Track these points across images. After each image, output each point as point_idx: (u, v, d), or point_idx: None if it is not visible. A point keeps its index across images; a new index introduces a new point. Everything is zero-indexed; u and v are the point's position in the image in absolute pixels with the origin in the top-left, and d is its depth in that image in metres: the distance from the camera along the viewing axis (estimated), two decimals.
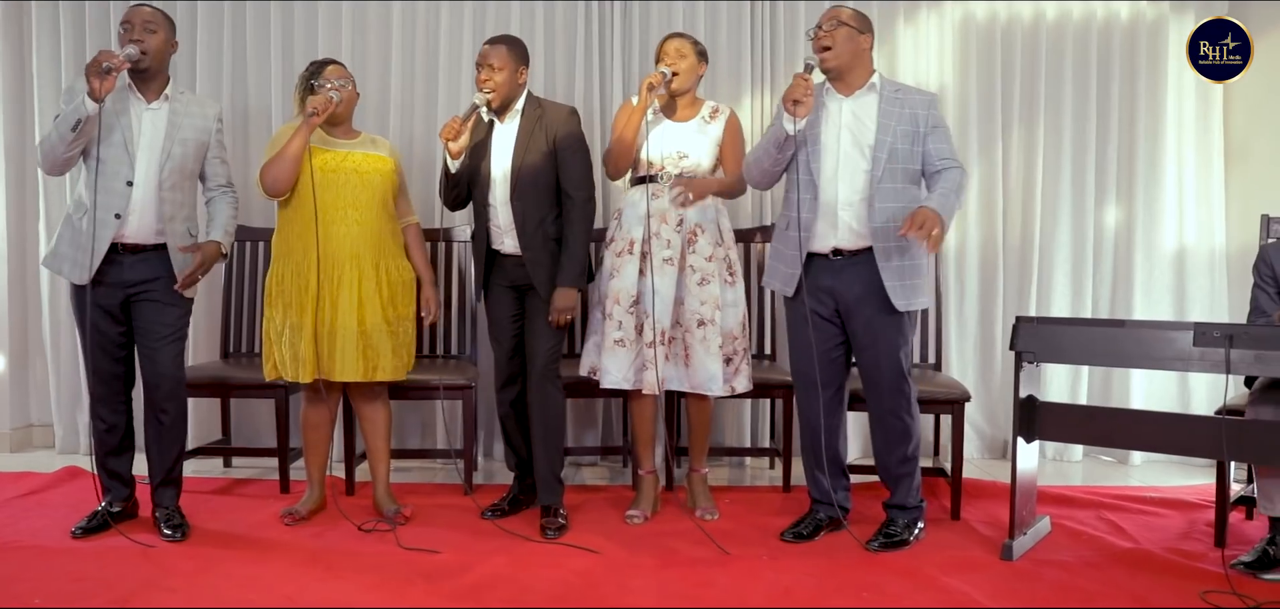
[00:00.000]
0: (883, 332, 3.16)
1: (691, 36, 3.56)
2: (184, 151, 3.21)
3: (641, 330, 3.40)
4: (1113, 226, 4.47)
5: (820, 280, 3.19)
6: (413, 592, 2.82)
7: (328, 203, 3.31)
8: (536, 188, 3.37)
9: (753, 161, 3.28)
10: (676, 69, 3.43)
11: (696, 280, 3.41)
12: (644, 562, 3.05)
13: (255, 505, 3.67)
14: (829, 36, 3.15)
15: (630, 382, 3.41)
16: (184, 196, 3.24)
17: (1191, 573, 2.94)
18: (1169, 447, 3.40)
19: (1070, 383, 4.44)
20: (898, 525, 3.26)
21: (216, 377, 3.91)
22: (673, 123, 3.50)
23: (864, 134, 3.15)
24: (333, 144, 3.40)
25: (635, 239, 3.42)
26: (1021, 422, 3.13)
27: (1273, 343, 2.70)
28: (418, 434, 4.49)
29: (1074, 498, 3.73)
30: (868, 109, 3.18)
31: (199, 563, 3.02)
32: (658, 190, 3.43)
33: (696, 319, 3.39)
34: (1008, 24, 4.45)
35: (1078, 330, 3.08)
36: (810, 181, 3.15)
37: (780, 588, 2.85)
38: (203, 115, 3.29)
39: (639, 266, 3.41)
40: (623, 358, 3.40)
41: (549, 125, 3.40)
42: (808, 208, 3.16)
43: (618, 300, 3.41)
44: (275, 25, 4.41)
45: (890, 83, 3.26)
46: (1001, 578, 2.94)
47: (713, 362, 3.39)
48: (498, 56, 3.37)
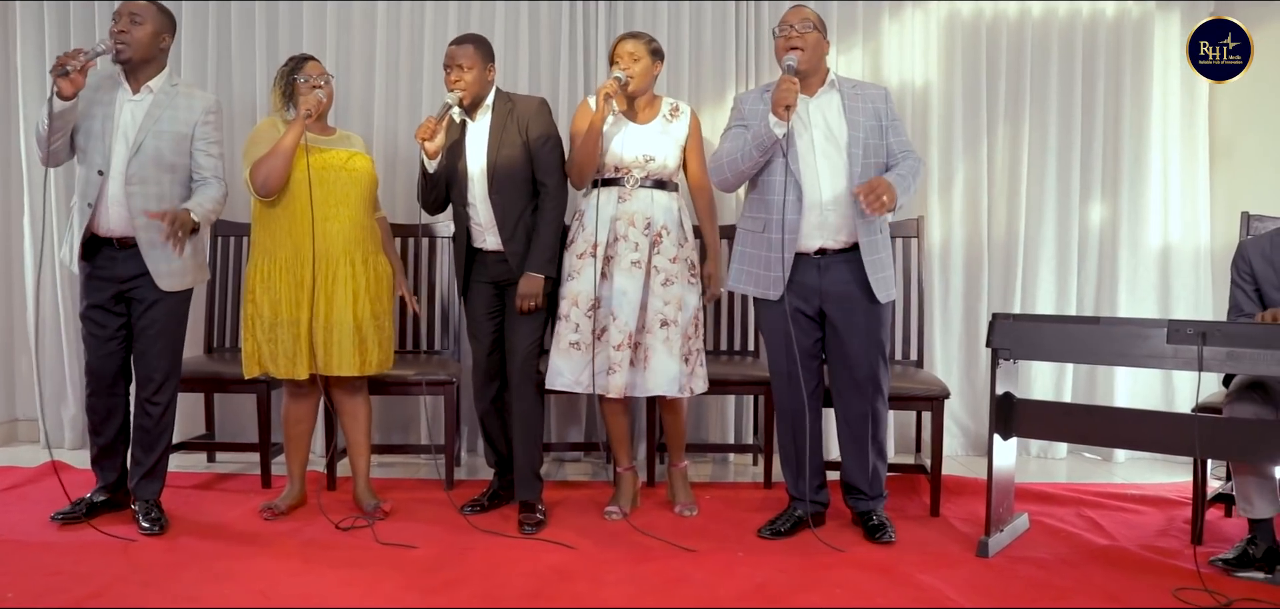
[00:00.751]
0: (867, 324, 3.20)
1: (646, 36, 3.52)
2: (157, 145, 3.19)
3: (602, 335, 3.39)
4: (1098, 224, 4.46)
5: (805, 279, 3.19)
6: (386, 587, 2.82)
7: (320, 199, 3.31)
8: (513, 181, 3.39)
9: (727, 164, 3.23)
10: (631, 72, 3.41)
11: (660, 281, 3.40)
12: (619, 558, 3.06)
13: (236, 500, 3.67)
14: (801, 38, 3.16)
15: (584, 386, 3.40)
16: (160, 190, 3.20)
17: (1167, 570, 2.94)
18: (1144, 444, 3.41)
19: (1055, 380, 4.44)
20: (879, 513, 3.29)
21: (200, 372, 3.91)
22: (635, 125, 3.48)
23: (834, 132, 3.17)
24: (320, 141, 3.40)
25: (599, 242, 3.40)
26: (998, 419, 3.14)
27: (1245, 340, 2.70)
28: (401, 430, 4.49)
29: (1054, 495, 3.73)
30: (832, 107, 3.20)
31: (175, 558, 3.03)
32: (625, 193, 3.42)
33: (660, 319, 3.39)
34: (993, 21, 4.44)
35: (1053, 327, 3.08)
36: (794, 182, 3.14)
37: (753, 584, 2.85)
38: (189, 107, 3.26)
39: (600, 269, 3.40)
40: (577, 360, 3.40)
41: (520, 118, 3.42)
42: (793, 209, 3.14)
43: (575, 303, 3.41)
44: (260, 23, 4.41)
45: (846, 80, 3.32)
46: (976, 575, 2.94)
47: (672, 362, 3.38)
48: (465, 56, 3.38)
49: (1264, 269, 3.12)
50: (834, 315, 3.22)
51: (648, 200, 3.43)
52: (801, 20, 3.19)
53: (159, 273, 3.22)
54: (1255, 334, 2.70)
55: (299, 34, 4.41)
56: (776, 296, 3.19)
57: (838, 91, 3.23)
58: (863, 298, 3.18)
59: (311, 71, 3.40)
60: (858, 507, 3.34)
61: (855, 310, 3.19)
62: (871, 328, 3.20)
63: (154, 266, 3.20)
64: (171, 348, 3.31)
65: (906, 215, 3.97)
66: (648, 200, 3.43)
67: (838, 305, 3.20)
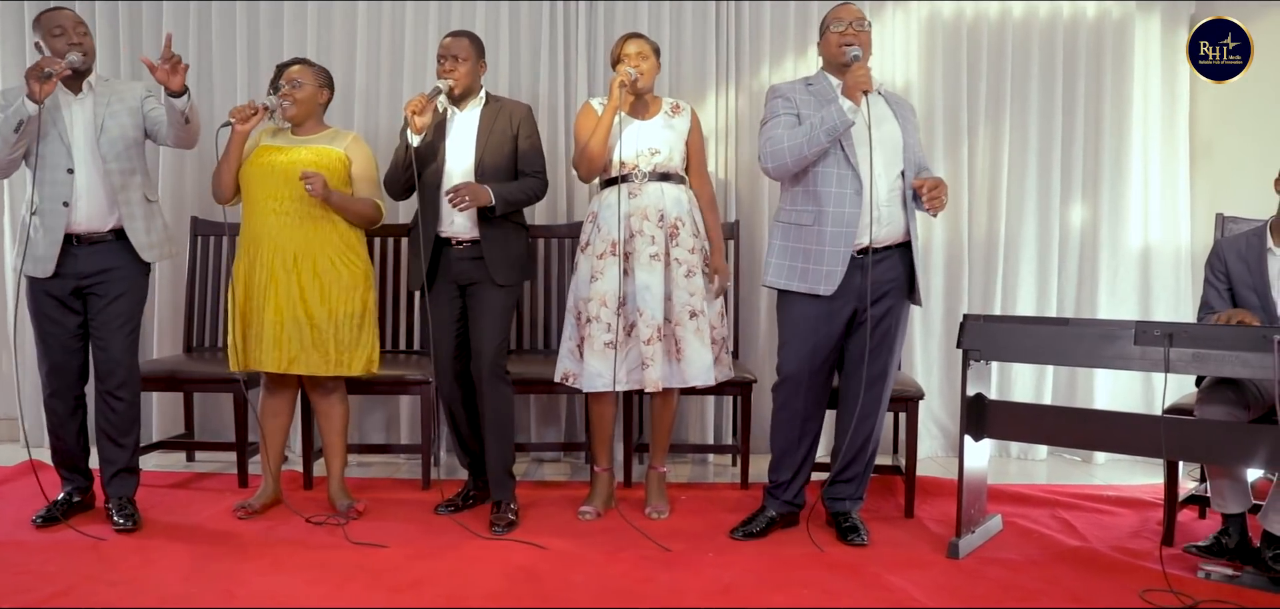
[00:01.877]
0: (896, 327, 3.25)
1: (646, 36, 3.56)
2: (119, 123, 3.28)
3: (632, 331, 3.40)
4: (1078, 225, 4.46)
5: (850, 279, 3.15)
6: (351, 587, 2.82)
7: (258, 197, 3.36)
8: (500, 174, 3.42)
9: (789, 149, 3.12)
10: (640, 70, 3.43)
11: (683, 273, 3.41)
12: (589, 558, 3.05)
13: (211, 499, 3.67)
14: (857, 36, 3.19)
15: (623, 383, 3.40)
16: (132, 164, 3.29)
17: (1135, 571, 2.94)
18: (1114, 446, 3.40)
19: (1035, 382, 4.44)
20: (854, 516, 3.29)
21: (177, 371, 3.91)
22: (639, 121, 3.49)
23: (885, 131, 3.17)
24: (287, 141, 3.43)
25: (616, 240, 3.41)
26: (970, 420, 3.13)
27: (1211, 341, 2.69)
28: (382, 429, 4.49)
29: (1029, 496, 3.73)
30: (881, 107, 3.21)
31: (145, 556, 3.03)
32: (634, 189, 3.43)
33: (688, 311, 3.39)
34: (974, 22, 4.44)
35: (1023, 329, 3.08)
36: (854, 175, 3.12)
37: (720, 585, 2.85)
38: (131, 92, 3.37)
39: (621, 268, 3.40)
40: (612, 360, 3.38)
41: (512, 116, 3.49)
42: (852, 201, 3.12)
43: (604, 303, 3.39)
44: (241, 24, 4.42)
45: (883, 87, 3.33)
46: (945, 576, 2.93)
47: (706, 352, 3.40)
48: (460, 48, 3.45)
49: (1238, 268, 3.12)
50: (874, 312, 3.17)
51: (658, 193, 3.43)
52: (856, 18, 3.22)
53: (141, 246, 3.29)
54: (1221, 336, 2.69)
55: (280, 33, 4.42)
56: (829, 292, 3.14)
57: (883, 97, 3.25)
58: (902, 297, 3.22)
59: (288, 77, 3.45)
60: (836, 507, 3.33)
61: (892, 308, 3.21)
62: (899, 324, 3.26)
63: (137, 238, 3.28)
64: (132, 341, 3.33)
65: None
66: (658, 193, 3.43)
67: (880, 302, 3.18)
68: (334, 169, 3.40)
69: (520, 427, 4.43)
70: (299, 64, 3.50)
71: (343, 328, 3.40)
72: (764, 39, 4.39)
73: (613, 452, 3.61)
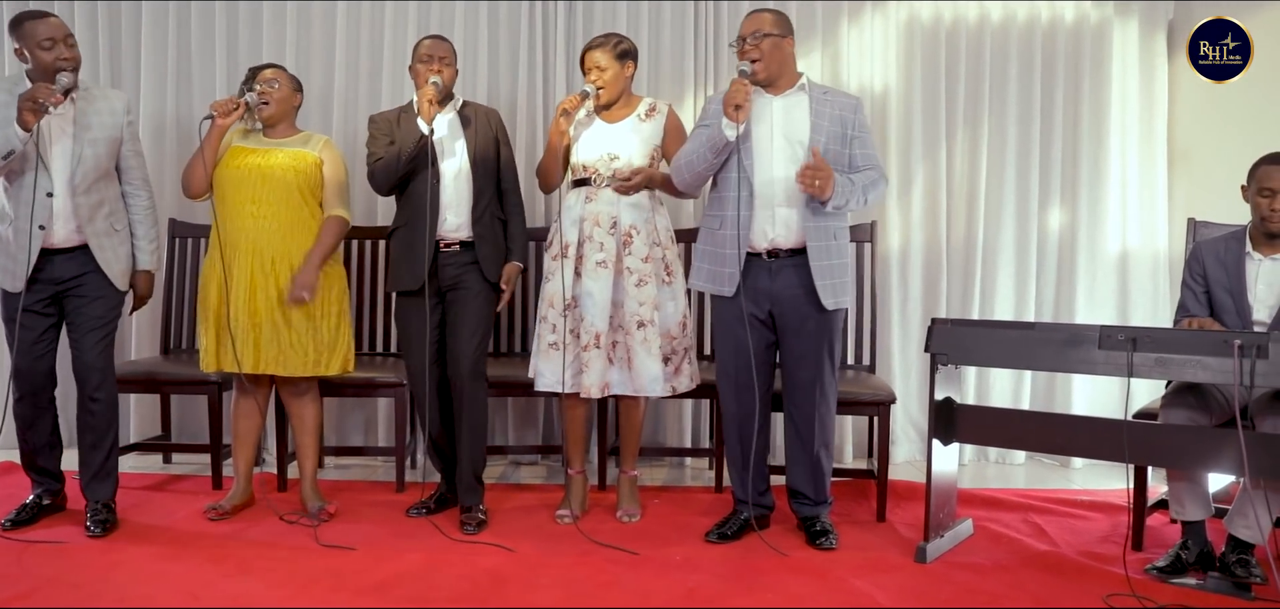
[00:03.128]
0: (815, 330, 3.19)
1: (613, 39, 3.51)
2: (95, 152, 3.22)
3: (578, 333, 3.41)
4: (1056, 229, 4.46)
5: (756, 282, 3.19)
6: (318, 588, 2.82)
7: (234, 199, 3.36)
8: (487, 170, 3.49)
9: (684, 166, 3.25)
10: (600, 83, 3.43)
11: (634, 282, 3.40)
12: (556, 561, 3.06)
13: (184, 501, 3.68)
14: (755, 49, 3.17)
15: (565, 385, 3.40)
16: (101, 195, 3.25)
17: (1101, 576, 2.94)
18: (1080, 450, 3.41)
19: (1013, 386, 4.44)
20: (824, 519, 3.29)
21: (153, 372, 3.91)
22: (604, 123, 3.49)
23: (796, 132, 3.17)
24: (260, 142, 3.44)
25: (570, 242, 3.42)
26: (938, 424, 3.13)
27: (1173, 346, 2.70)
28: (360, 432, 4.49)
29: (1002, 500, 3.73)
30: (799, 107, 3.20)
31: (111, 559, 3.03)
32: (592, 193, 3.44)
33: (635, 321, 3.39)
34: (953, 25, 4.44)
35: (989, 332, 3.08)
36: (746, 180, 3.14)
37: (685, 588, 2.85)
38: (110, 109, 3.30)
39: (574, 269, 3.41)
40: (557, 361, 3.41)
41: (489, 118, 3.57)
42: (745, 205, 3.14)
43: (552, 304, 3.44)
44: (220, 24, 4.42)
45: (817, 85, 3.31)
46: (910, 580, 2.94)
47: (653, 362, 3.39)
48: (445, 50, 3.52)
49: (1216, 271, 3.12)
50: (783, 318, 3.21)
51: (614, 201, 3.43)
52: (753, 33, 3.20)
53: (114, 275, 3.28)
54: (1183, 340, 2.69)
55: (259, 34, 4.42)
56: (730, 293, 3.18)
57: (807, 94, 3.23)
58: (811, 304, 3.17)
59: (263, 77, 3.45)
60: (802, 512, 3.33)
61: (804, 315, 3.18)
62: (820, 333, 3.20)
63: (108, 267, 3.26)
64: (108, 344, 3.31)
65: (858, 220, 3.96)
66: (614, 201, 3.43)
67: (787, 309, 3.19)
68: (308, 173, 3.41)
69: (499, 429, 4.44)
70: (272, 68, 3.50)
71: (322, 328, 3.42)
72: None
73: (586, 454, 3.61)
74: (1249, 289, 3.05)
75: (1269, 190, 2.98)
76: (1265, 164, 3.03)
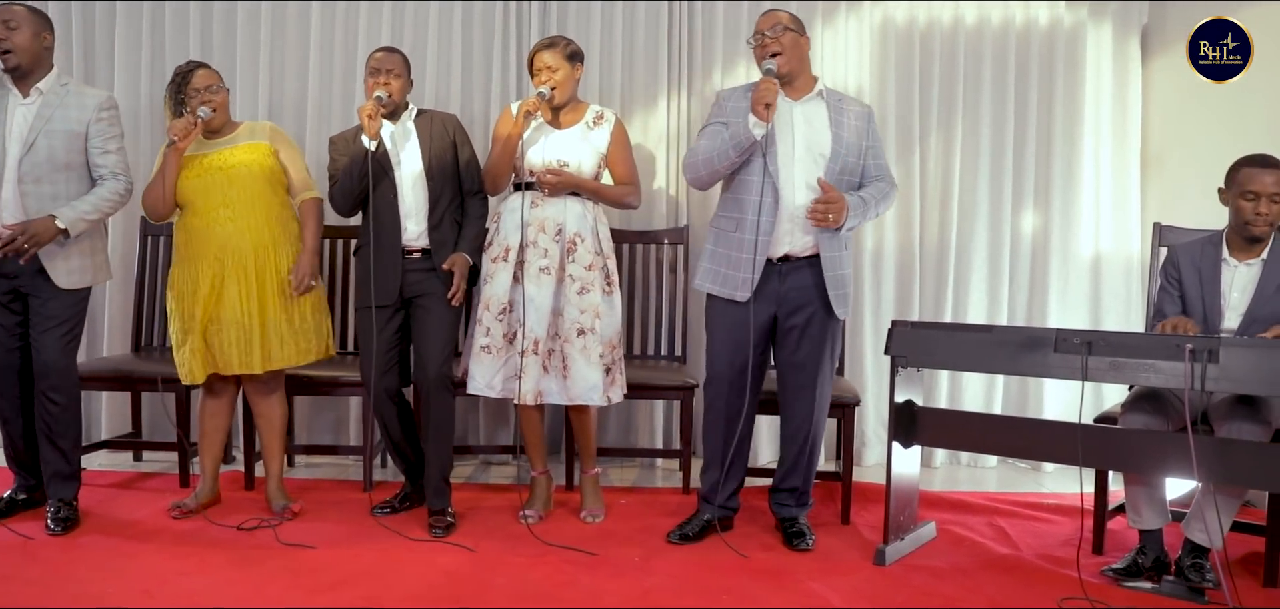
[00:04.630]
0: (819, 333, 3.21)
1: (561, 41, 3.50)
2: (50, 144, 3.19)
3: (513, 339, 3.40)
4: (1029, 232, 4.45)
5: (767, 285, 3.18)
6: (273, 587, 2.82)
7: (205, 207, 3.34)
8: (444, 173, 3.47)
9: (702, 161, 3.19)
10: (553, 84, 3.41)
11: (576, 289, 3.39)
12: (515, 561, 3.06)
13: (150, 499, 3.67)
14: (776, 42, 3.16)
15: (497, 390, 3.40)
16: (55, 190, 3.20)
17: (1058, 579, 2.94)
18: (1035, 453, 3.41)
19: (985, 389, 4.43)
20: (802, 520, 3.31)
21: (122, 370, 3.90)
22: (554, 130, 3.48)
23: (816, 140, 3.17)
24: (206, 147, 3.39)
25: (511, 246, 3.41)
26: (898, 426, 3.13)
27: (1127, 350, 2.69)
28: (331, 431, 4.49)
29: (969, 504, 3.73)
30: (818, 115, 3.20)
31: (71, 556, 3.03)
32: (537, 198, 3.43)
33: (576, 328, 3.37)
34: (927, 27, 4.43)
35: (948, 335, 3.08)
36: (772, 185, 3.12)
37: (641, 589, 2.85)
38: (81, 106, 3.25)
39: (512, 274, 3.40)
40: (488, 365, 3.40)
41: (445, 124, 3.54)
42: (768, 211, 3.12)
43: (488, 306, 3.41)
44: (194, 25, 4.41)
45: (833, 92, 3.31)
46: (867, 582, 2.94)
47: (593, 371, 3.37)
48: (394, 63, 3.46)
49: (1190, 275, 3.11)
50: (792, 321, 3.20)
51: (561, 207, 3.42)
52: (773, 25, 3.20)
53: (57, 272, 3.21)
54: (1137, 345, 2.69)
55: (233, 34, 4.41)
56: (744, 298, 3.16)
57: (825, 101, 3.23)
58: (820, 307, 3.19)
59: (199, 84, 3.37)
60: (782, 512, 3.34)
61: (811, 317, 3.19)
62: (824, 336, 3.22)
63: (51, 264, 3.20)
64: (68, 342, 3.28)
65: None
66: (561, 207, 3.42)
67: (795, 311, 3.19)
68: (266, 164, 3.41)
69: (470, 429, 4.44)
70: (200, 68, 3.42)
71: (309, 316, 3.45)
72: (717, 42, 4.38)
73: (545, 455, 3.61)
74: (1223, 295, 3.04)
75: (1253, 193, 2.95)
76: (1247, 166, 2.99)
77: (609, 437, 4.35)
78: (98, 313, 4.45)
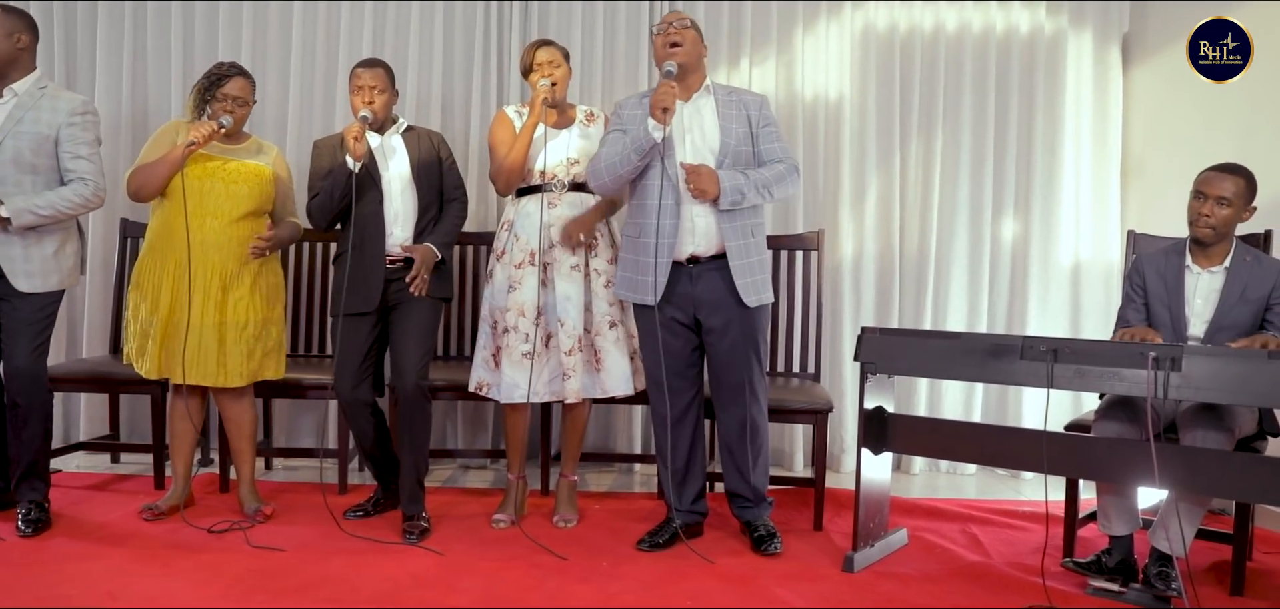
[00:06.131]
0: (741, 331, 3.19)
1: (556, 42, 3.56)
2: (16, 145, 3.18)
3: (550, 342, 3.41)
4: (1009, 239, 4.45)
5: (679, 288, 3.18)
6: (237, 590, 2.82)
7: (194, 206, 3.31)
8: (431, 183, 3.49)
9: (605, 168, 3.20)
10: (554, 78, 3.43)
11: (602, 283, 3.43)
12: (483, 565, 3.05)
13: (123, 501, 3.67)
14: (679, 34, 3.17)
15: (542, 395, 3.42)
16: (20, 191, 3.17)
17: (1026, 587, 2.94)
18: (1002, 461, 3.41)
19: (965, 397, 4.43)
20: (766, 522, 3.29)
21: (99, 372, 3.91)
22: (555, 130, 3.48)
23: (706, 137, 3.17)
24: (211, 151, 3.38)
25: (535, 250, 3.42)
26: (868, 433, 3.13)
27: (1092, 358, 2.69)
28: (312, 434, 4.49)
29: (943, 511, 3.72)
30: (707, 111, 3.21)
31: (37, 558, 3.02)
32: (554, 199, 3.43)
33: (608, 321, 3.41)
34: (907, 34, 4.44)
35: (916, 342, 3.08)
36: (671, 187, 3.13)
37: (606, 595, 2.84)
38: (54, 110, 3.24)
39: (540, 277, 3.41)
40: (530, 371, 3.39)
41: (431, 138, 3.57)
42: (669, 214, 3.13)
43: (523, 313, 3.41)
44: (176, 25, 4.42)
45: (722, 86, 3.31)
46: (834, 589, 2.93)
47: (624, 360, 3.42)
48: (377, 78, 3.46)
49: (1155, 283, 3.12)
50: (708, 322, 3.21)
51: (578, 204, 3.45)
52: (678, 19, 3.22)
53: (15, 273, 3.20)
54: (1101, 353, 2.69)
55: (215, 35, 4.43)
56: (652, 301, 3.17)
57: (712, 96, 3.23)
58: (735, 305, 3.16)
59: (232, 91, 3.38)
60: (743, 515, 3.34)
61: (728, 317, 3.17)
62: (745, 334, 3.19)
63: (9, 267, 3.19)
64: (36, 347, 3.26)
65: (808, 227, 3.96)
66: (578, 204, 3.45)
67: (711, 313, 3.19)
68: (263, 187, 3.42)
69: (448, 433, 4.44)
70: (238, 76, 3.41)
71: (269, 333, 3.45)
72: None
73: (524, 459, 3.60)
74: (1187, 303, 3.05)
75: (1201, 193, 2.98)
76: (1208, 170, 3.03)
77: (588, 441, 4.34)
78: (77, 315, 4.47)
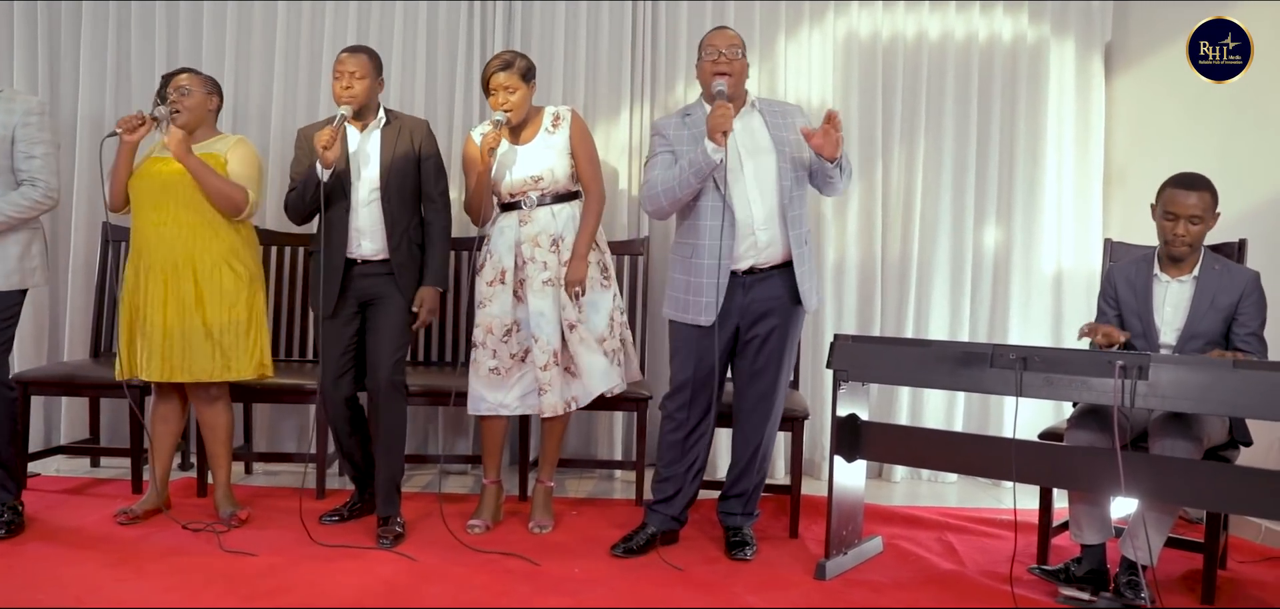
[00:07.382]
0: (781, 346, 3.23)
1: (516, 58, 3.45)
2: None
3: (524, 357, 3.42)
4: (991, 248, 4.45)
5: (731, 299, 3.17)
6: (207, 594, 2.81)
7: (140, 208, 3.36)
8: (402, 192, 3.43)
9: (663, 192, 3.15)
10: (508, 107, 3.39)
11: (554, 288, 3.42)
12: (455, 571, 3.05)
13: (99, 505, 3.66)
14: (730, 64, 3.17)
15: (512, 409, 3.45)
16: None
17: (997, 595, 2.94)
18: (973, 468, 3.40)
19: (946, 405, 4.43)
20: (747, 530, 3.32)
21: (80, 375, 3.90)
22: (518, 147, 3.47)
23: (760, 152, 3.18)
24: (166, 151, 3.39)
25: (507, 268, 3.42)
26: (841, 440, 3.13)
27: (1061, 367, 2.69)
28: (294, 438, 4.49)
29: (921, 518, 3.72)
30: (757, 126, 3.22)
31: (9, 562, 3.02)
32: (525, 216, 3.43)
33: (568, 323, 3.41)
34: (890, 42, 4.44)
35: (888, 349, 3.08)
36: (727, 208, 3.11)
37: (576, 601, 2.84)
38: (8, 111, 3.23)
39: (513, 293, 3.41)
40: (500, 386, 3.42)
41: (413, 134, 3.48)
42: (727, 234, 3.11)
43: (490, 329, 3.43)
44: (159, 26, 4.42)
45: (763, 100, 3.34)
46: (805, 597, 2.93)
47: (598, 358, 3.43)
48: (358, 65, 3.40)
49: (1126, 293, 3.13)
50: (754, 331, 3.20)
51: (549, 217, 3.43)
52: (729, 45, 3.21)
53: None
54: (1069, 361, 2.69)
55: (199, 35, 4.42)
56: (708, 323, 3.14)
57: (759, 112, 3.25)
58: (789, 307, 3.20)
59: (176, 84, 3.42)
60: (729, 521, 3.34)
61: (776, 322, 3.20)
62: (785, 347, 3.24)
63: None
64: None
65: None
66: (549, 217, 3.43)
67: (759, 319, 3.20)
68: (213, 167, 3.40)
69: (429, 438, 4.43)
70: (186, 73, 3.49)
71: (227, 333, 3.39)
72: (682, 45, 4.37)
73: (500, 465, 3.60)
74: (1156, 311, 3.06)
75: (1172, 214, 2.99)
76: (1170, 187, 3.03)
77: (567, 447, 4.34)
78: (58, 318, 4.47)
